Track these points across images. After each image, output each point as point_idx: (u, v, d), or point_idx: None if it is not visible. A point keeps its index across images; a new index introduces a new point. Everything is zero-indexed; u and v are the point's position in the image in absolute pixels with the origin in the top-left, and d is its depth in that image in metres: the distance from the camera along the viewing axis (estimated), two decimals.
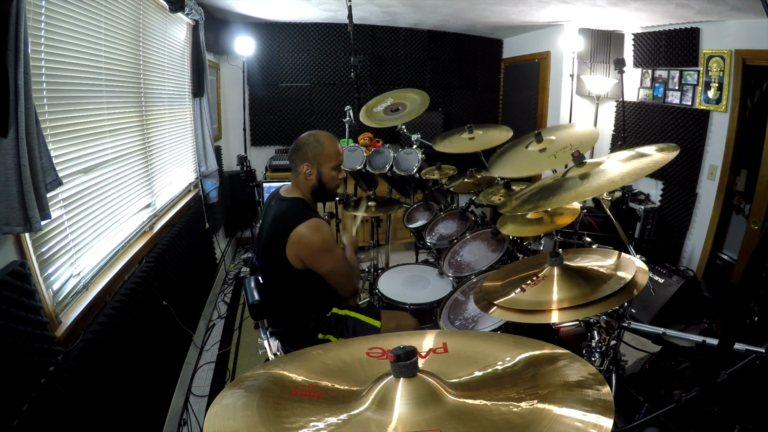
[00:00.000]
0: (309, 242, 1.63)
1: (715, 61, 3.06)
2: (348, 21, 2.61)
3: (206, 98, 3.22)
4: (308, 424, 0.62)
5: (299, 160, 1.75)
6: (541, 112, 4.55)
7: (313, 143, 1.75)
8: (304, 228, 1.62)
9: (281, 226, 1.67)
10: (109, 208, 1.83)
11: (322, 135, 1.78)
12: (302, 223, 1.63)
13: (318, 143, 1.75)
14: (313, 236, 1.63)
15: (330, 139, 1.78)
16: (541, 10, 3.56)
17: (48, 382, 1.21)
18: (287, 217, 1.68)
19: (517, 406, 0.61)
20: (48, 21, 1.39)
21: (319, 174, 1.75)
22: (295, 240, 1.63)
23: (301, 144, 1.77)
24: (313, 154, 1.74)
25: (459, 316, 1.73)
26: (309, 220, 1.64)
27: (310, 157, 1.74)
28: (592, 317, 1.46)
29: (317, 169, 1.75)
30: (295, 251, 1.64)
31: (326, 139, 1.77)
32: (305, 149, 1.75)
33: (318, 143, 1.75)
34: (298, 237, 1.63)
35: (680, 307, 3.11)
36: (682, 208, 3.43)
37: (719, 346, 0.85)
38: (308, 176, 1.75)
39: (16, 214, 1.09)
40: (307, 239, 1.63)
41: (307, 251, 1.64)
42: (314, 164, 1.74)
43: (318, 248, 1.64)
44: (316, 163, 1.74)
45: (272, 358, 1.66)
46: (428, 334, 0.88)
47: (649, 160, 1.20)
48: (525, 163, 1.77)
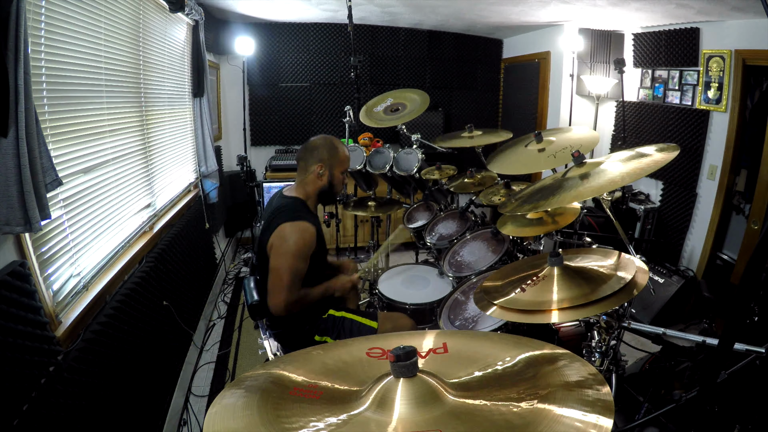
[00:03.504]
0: (282, 237, 1.63)
1: (715, 61, 3.06)
2: (348, 21, 2.62)
3: (206, 98, 3.22)
4: (308, 424, 0.62)
5: (313, 159, 1.76)
6: (541, 112, 4.55)
7: (329, 146, 1.78)
8: (289, 225, 1.63)
9: (272, 222, 1.68)
10: (109, 208, 1.83)
11: (335, 139, 1.83)
12: (290, 221, 1.64)
13: (333, 147, 1.79)
14: (290, 234, 1.62)
15: (343, 145, 1.84)
16: (541, 10, 3.56)
17: (48, 382, 1.21)
18: (280, 214, 1.70)
19: (517, 406, 0.61)
20: (48, 21, 1.39)
21: (330, 176, 1.79)
22: (278, 232, 1.64)
23: (317, 145, 1.78)
24: (329, 155, 1.77)
25: (459, 316, 1.73)
26: (298, 221, 1.65)
27: (325, 159, 1.76)
28: (592, 317, 1.46)
29: (330, 170, 1.78)
30: (273, 242, 1.64)
31: (340, 144, 1.83)
32: (321, 150, 1.77)
33: (333, 147, 1.79)
34: (279, 231, 1.63)
35: (680, 307, 3.11)
36: (682, 208, 3.43)
37: (719, 346, 0.85)
38: (320, 177, 1.77)
39: (16, 214, 1.09)
40: (285, 233, 1.62)
41: (275, 242, 1.63)
42: (327, 166, 1.77)
43: (284, 246, 1.62)
44: (330, 165, 1.77)
45: (272, 357, 1.66)
46: (428, 334, 0.88)
47: (649, 160, 1.20)
48: (524, 161, 1.77)
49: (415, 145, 2.65)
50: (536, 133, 1.78)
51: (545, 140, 1.76)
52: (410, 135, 2.68)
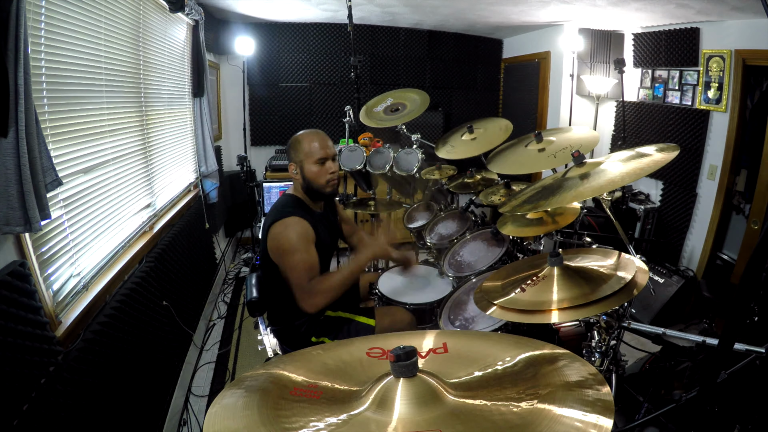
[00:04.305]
0: (276, 239, 1.64)
1: (715, 61, 3.06)
2: (348, 21, 2.62)
3: (206, 98, 3.22)
4: (308, 424, 0.62)
5: (288, 160, 1.78)
6: (541, 112, 4.55)
7: (293, 143, 1.76)
8: (278, 225, 1.65)
9: (267, 222, 1.71)
10: (109, 208, 1.83)
11: (302, 133, 1.77)
12: (278, 220, 1.65)
13: (296, 141, 1.75)
14: (280, 234, 1.63)
15: (309, 135, 1.74)
16: (541, 10, 3.56)
17: (48, 382, 1.21)
18: (271, 213, 1.72)
19: (517, 406, 0.61)
20: (48, 21, 1.39)
21: (302, 171, 1.74)
22: (270, 236, 1.66)
23: (288, 146, 1.79)
24: (294, 152, 1.75)
25: (459, 316, 1.73)
26: (285, 218, 1.65)
27: (293, 157, 1.75)
28: (592, 317, 1.46)
29: (300, 167, 1.74)
30: (270, 247, 1.67)
31: (305, 135, 1.75)
32: (288, 150, 1.78)
33: (296, 141, 1.75)
34: (272, 233, 1.65)
35: (680, 307, 3.11)
36: (682, 208, 3.43)
37: (719, 346, 0.85)
38: (296, 176, 1.77)
39: (16, 214, 1.09)
40: (275, 236, 1.64)
41: (274, 248, 1.65)
42: (297, 163, 1.74)
43: (280, 247, 1.63)
44: (298, 161, 1.74)
45: (271, 353, 1.66)
46: (428, 334, 0.88)
47: (649, 160, 1.20)
48: (524, 161, 1.77)
49: (415, 145, 2.65)
50: (536, 133, 1.78)
51: (545, 140, 1.76)
52: (410, 135, 2.68)
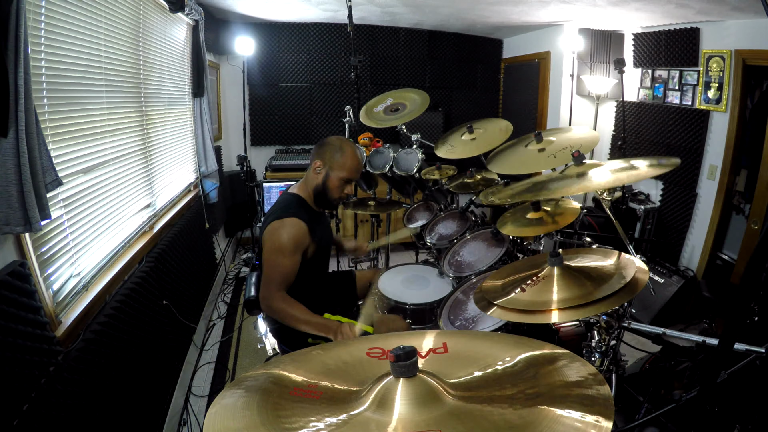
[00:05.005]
0: (270, 233, 1.64)
1: (715, 61, 3.06)
2: (348, 21, 2.61)
3: (206, 98, 3.22)
4: (308, 424, 0.62)
5: (317, 155, 1.76)
6: (541, 112, 4.55)
7: (336, 146, 1.75)
8: (276, 223, 1.65)
9: (266, 220, 1.70)
10: (109, 208, 1.83)
11: (350, 144, 1.77)
12: (279, 218, 1.65)
13: (340, 149, 1.74)
14: (275, 231, 1.63)
15: (354, 153, 1.76)
16: (541, 10, 3.56)
17: (48, 382, 1.21)
18: (273, 211, 1.72)
19: (517, 406, 0.61)
20: (48, 21, 1.39)
21: (326, 176, 1.74)
22: (267, 230, 1.66)
23: (326, 142, 1.77)
24: (331, 155, 1.74)
25: (459, 316, 1.73)
26: (286, 218, 1.65)
27: (327, 157, 1.74)
28: (592, 317, 1.46)
29: (327, 170, 1.74)
30: (263, 239, 1.67)
31: (350, 149, 1.75)
32: (326, 147, 1.75)
33: (340, 149, 1.74)
34: (268, 229, 1.66)
35: (680, 307, 3.11)
36: (682, 208, 3.43)
37: (719, 346, 0.85)
38: (317, 173, 1.75)
39: (16, 214, 1.09)
40: (271, 230, 1.64)
41: (265, 239, 1.66)
42: (326, 165, 1.74)
43: (271, 242, 1.64)
44: (329, 165, 1.74)
45: (269, 349, 1.66)
46: (428, 334, 0.88)
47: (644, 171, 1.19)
48: (524, 161, 1.77)
49: (415, 145, 2.65)
50: (536, 133, 1.77)
51: (545, 140, 1.76)
52: (410, 135, 2.68)
